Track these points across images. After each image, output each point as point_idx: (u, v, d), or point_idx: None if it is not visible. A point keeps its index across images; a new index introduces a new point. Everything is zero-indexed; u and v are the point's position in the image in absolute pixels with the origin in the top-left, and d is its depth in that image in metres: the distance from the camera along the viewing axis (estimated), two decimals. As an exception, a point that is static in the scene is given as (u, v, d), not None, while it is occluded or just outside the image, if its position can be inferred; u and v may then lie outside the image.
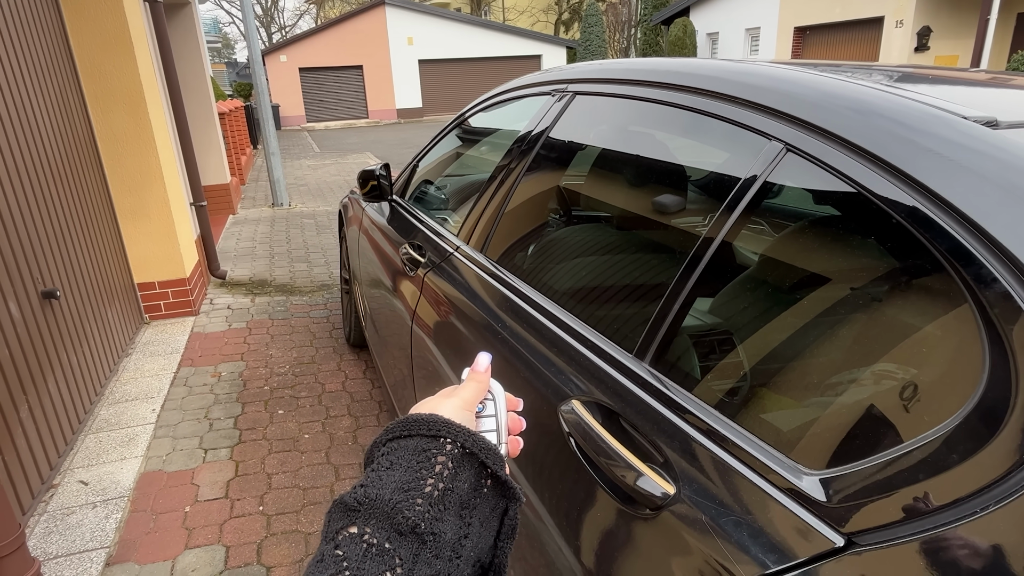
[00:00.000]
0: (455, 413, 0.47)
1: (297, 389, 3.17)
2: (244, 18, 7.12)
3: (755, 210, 0.92)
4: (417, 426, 0.43)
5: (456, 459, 0.42)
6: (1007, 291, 0.61)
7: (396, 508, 0.39)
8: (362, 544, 0.38)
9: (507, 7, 36.09)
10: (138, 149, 3.65)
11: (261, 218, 7.21)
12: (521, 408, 0.55)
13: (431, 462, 0.41)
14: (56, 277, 2.72)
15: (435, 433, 0.43)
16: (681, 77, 1.17)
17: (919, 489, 0.61)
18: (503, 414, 0.52)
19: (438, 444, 0.42)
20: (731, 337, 0.96)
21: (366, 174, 2.52)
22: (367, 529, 0.38)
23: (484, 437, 0.45)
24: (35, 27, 2.91)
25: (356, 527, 0.38)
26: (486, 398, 0.52)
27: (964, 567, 0.56)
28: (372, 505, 0.39)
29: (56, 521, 2.20)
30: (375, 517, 0.39)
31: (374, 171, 2.51)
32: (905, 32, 13.29)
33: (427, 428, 0.43)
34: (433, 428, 0.43)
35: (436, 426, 0.43)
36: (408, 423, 0.44)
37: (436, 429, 0.43)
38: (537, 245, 1.56)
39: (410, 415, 0.45)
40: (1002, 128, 0.73)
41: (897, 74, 1.10)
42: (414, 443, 0.42)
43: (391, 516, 0.39)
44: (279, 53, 23.88)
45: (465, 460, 0.43)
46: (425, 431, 0.43)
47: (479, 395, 0.51)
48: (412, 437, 0.43)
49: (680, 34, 18.65)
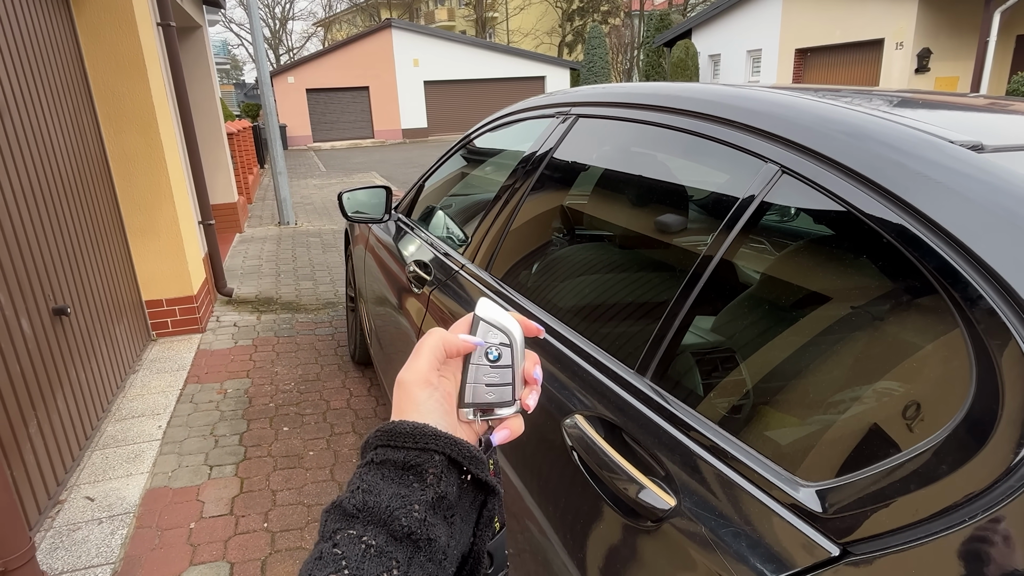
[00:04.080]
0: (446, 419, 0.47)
1: (302, 406, 3.19)
2: (253, 41, 7.26)
3: (752, 230, 0.95)
4: (404, 439, 0.44)
5: (445, 467, 0.44)
6: (992, 309, 0.63)
7: (393, 515, 0.40)
8: (361, 544, 0.39)
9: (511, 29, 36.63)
10: (149, 169, 3.71)
11: (267, 236, 7.28)
12: (543, 335, 0.52)
13: (423, 476, 0.43)
14: (67, 294, 2.77)
15: (423, 447, 0.44)
16: (681, 101, 1.21)
17: (911, 499, 0.63)
18: (520, 364, 0.47)
19: (427, 457, 0.44)
20: (730, 353, 0.98)
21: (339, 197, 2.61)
22: (366, 533, 0.40)
23: (471, 446, 0.45)
24: (52, 51, 2.99)
25: (355, 530, 0.40)
26: (503, 343, 0.48)
27: (955, 574, 0.58)
28: (371, 512, 0.41)
29: (62, 537, 2.22)
30: (373, 523, 0.40)
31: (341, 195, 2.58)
32: (905, 54, 13.43)
33: (413, 441, 0.44)
34: (422, 442, 0.44)
35: (425, 439, 0.44)
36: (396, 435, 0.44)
37: (425, 443, 0.44)
38: (541, 263, 1.59)
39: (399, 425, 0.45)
40: (987, 152, 0.76)
41: (893, 99, 1.13)
42: (402, 457, 0.44)
43: (388, 523, 0.40)
44: (287, 75, 24.25)
45: (451, 466, 0.44)
46: (412, 444, 0.44)
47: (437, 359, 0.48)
48: (401, 450, 0.44)
49: (682, 56, 18.87)
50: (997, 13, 10.85)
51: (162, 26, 4.17)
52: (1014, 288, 0.63)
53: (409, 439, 0.44)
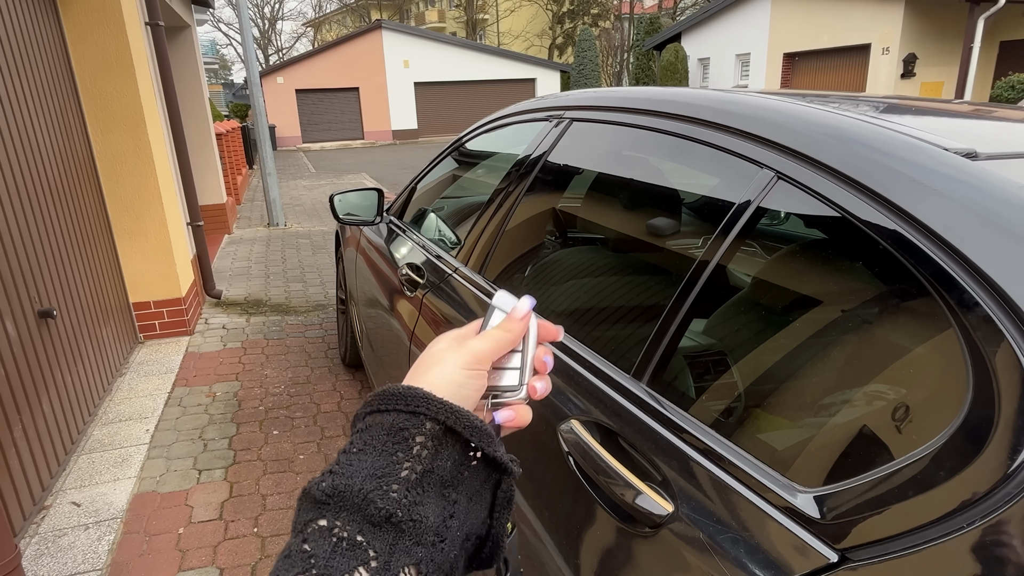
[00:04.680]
0: (454, 376, 0.42)
1: (292, 409, 3.16)
2: (243, 41, 7.22)
3: (749, 235, 0.96)
4: (394, 400, 0.39)
5: (437, 436, 0.39)
6: (988, 315, 0.64)
7: (368, 499, 0.36)
8: (331, 538, 0.35)
9: (502, 31, 36.67)
10: (137, 169, 3.67)
11: (257, 238, 7.23)
12: (561, 336, 0.48)
13: (408, 443, 0.38)
14: (53, 296, 2.73)
15: (413, 409, 0.39)
16: (677, 106, 1.21)
17: (909, 505, 0.63)
18: (531, 351, 0.45)
19: (416, 421, 0.39)
20: (726, 358, 0.98)
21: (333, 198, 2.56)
22: (337, 523, 0.35)
23: (469, 413, 0.40)
24: (38, 51, 2.95)
25: (326, 520, 0.35)
26: None
27: (953, 581, 0.58)
28: (341, 497, 0.36)
29: (48, 543, 2.18)
30: (346, 509, 0.36)
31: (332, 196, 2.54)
32: (891, 59, 13.59)
33: (404, 403, 0.39)
34: (412, 403, 0.39)
35: (415, 401, 0.39)
36: (385, 396, 0.40)
37: (415, 404, 0.39)
38: (535, 267, 1.59)
39: (389, 388, 0.41)
40: (981, 159, 0.77)
41: (885, 106, 1.14)
42: (391, 419, 0.39)
43: (362, 507, 0.35)
44: (276, 75, 24.12)
45: (447, 437, 0.39)
46: (403, 406, 0.39)
47: (502, 348, 0.44)
48: (389, 412, 0.39)
49: (672, 59, 18.98)
50: (981, 19, 11.02)
51: (150, 25, 4.13)
52: (1009, 294, 0.63)
53: (401, 400, 0.39)
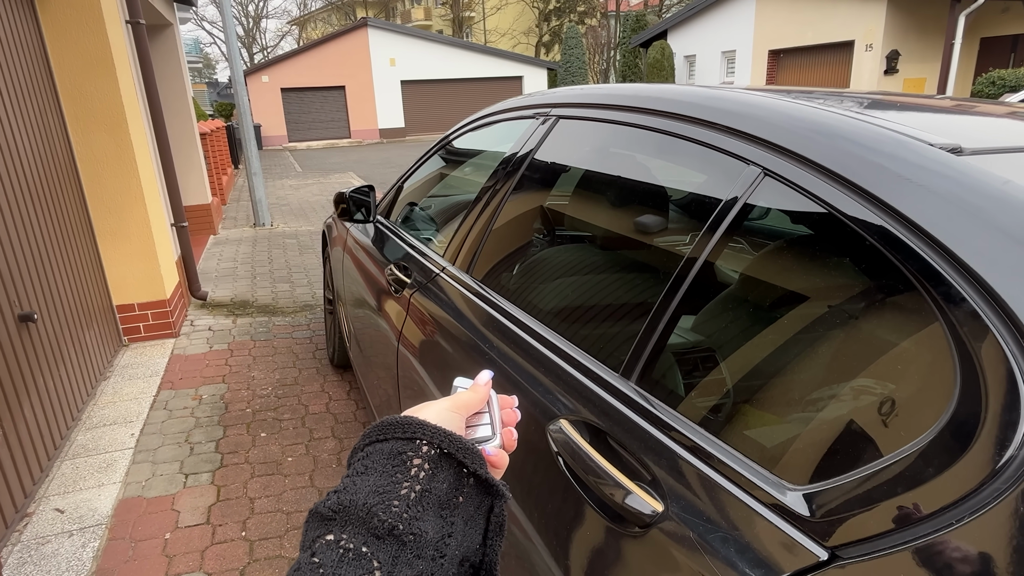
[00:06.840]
0: (441, 415, 0.46)
1: (280, 411, 3.13)
2: (227, 39, 7.14)
3: (736, 232, 0.95)
4: (392, 429, 0.43)
5: (433, 460, 0.42)
6: (975, 310, 0.64)
7: (371, 512, 0.39)
8: (338, 550, 0.37)
9: (488, 29, 36.59)
10: (119, 170, 3.62)
11: (243, 238, 7.16)
12: (516, 404, 0.56)
13: (406, 465, 0.41)
14: (33, 300, 2.68)
15: (410, 435, 0.42)
16: (663, 103, 1.21)
17: (898, 502, 0.63)
18: (496, 409, 0.52)
19: (413, 446, 0.42)
20: (715, 355, 0.98)
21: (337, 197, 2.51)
22: (343, 536, 0.38)
23: (461, 437, 0.44)
24: (15, 50, 2.90)
25: (333, 534, 0.38)
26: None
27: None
28: (347, 512, 0.39)
29: (30, 551, 2.14)
30: (351, 523, 0.39)
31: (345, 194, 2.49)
32: (875, 55, 13.72)
33: (402, 431, 0.43)
34: (408, 430, 0.42)
35: (411, 428, 0.43)
36: (384, 427, 0.43)
37: (412, 431, 0.42)
38: (523, 265, 1.58)
39: (386, 418, 0.44)
40: (965, 155, 0.77)
41: (868, 101, 1.14)
42: (389, 446, 0.42)
43: (366, 520, 0.38)
44: (261, 73, 23.89)
45: (442, 461, 0.42)
46: (400, 434, 0.42)
47: (475, 405, 0.50)
48: (388, 440, 0.42)
49: (658, 56, 19.03)
50: (962, 16, 11.15)
51: (131, 24, 4.07)
52: (995, 289, 0.63)
53: (399, 428, 0.43)
